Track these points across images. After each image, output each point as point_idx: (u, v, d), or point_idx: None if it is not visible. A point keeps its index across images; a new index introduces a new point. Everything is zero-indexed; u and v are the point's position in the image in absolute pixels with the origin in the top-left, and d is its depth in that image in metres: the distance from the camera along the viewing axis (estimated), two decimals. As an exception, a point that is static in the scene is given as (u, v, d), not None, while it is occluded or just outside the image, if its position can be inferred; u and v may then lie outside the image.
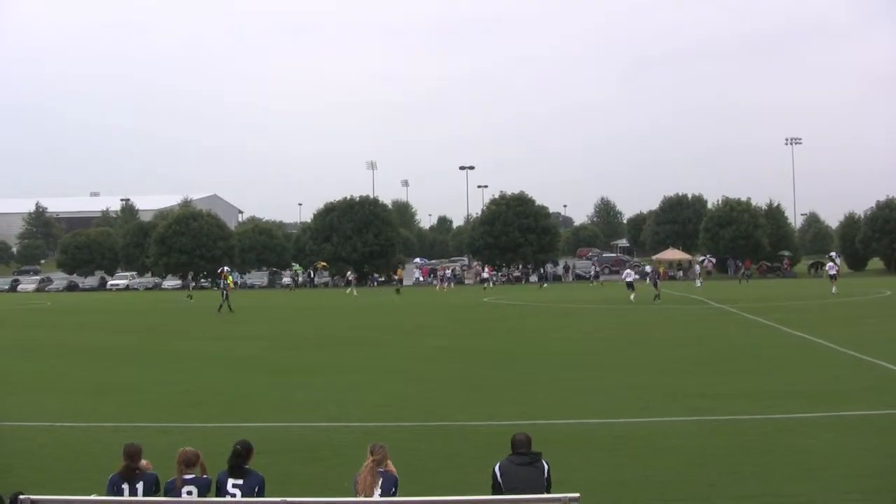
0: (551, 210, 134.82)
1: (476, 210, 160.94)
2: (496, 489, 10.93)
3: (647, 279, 72.27)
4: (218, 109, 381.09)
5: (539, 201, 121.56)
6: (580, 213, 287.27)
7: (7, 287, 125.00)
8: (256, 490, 10.85)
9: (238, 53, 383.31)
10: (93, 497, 10.50)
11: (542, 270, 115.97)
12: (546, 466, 11.04)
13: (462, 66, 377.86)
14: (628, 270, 72.39)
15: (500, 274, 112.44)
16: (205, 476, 11.17)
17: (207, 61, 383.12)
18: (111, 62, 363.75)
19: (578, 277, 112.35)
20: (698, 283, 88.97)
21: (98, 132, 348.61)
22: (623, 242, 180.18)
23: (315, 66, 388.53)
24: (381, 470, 10.87)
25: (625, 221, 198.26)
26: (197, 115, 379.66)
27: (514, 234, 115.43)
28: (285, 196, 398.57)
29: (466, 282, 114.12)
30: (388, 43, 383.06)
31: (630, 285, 66.17)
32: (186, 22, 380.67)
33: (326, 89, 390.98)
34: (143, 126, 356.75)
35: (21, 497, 10.13)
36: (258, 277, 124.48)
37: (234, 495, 10.79)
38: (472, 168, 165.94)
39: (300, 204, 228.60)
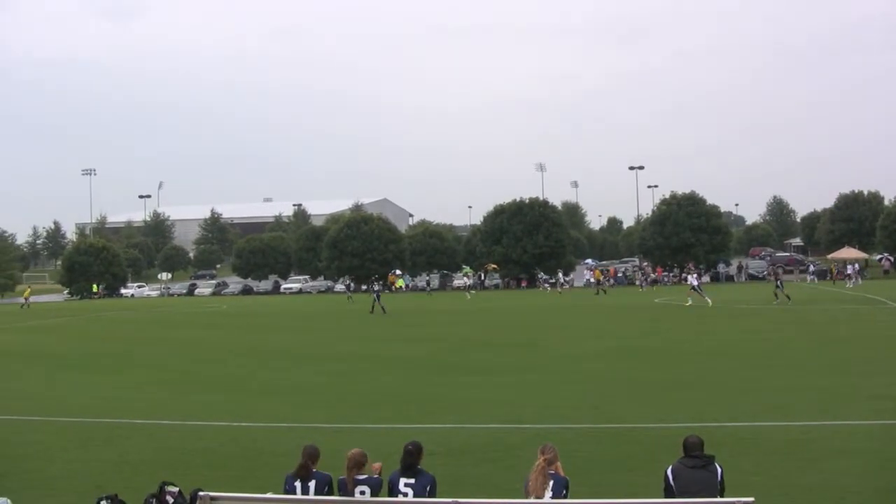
0: (722, 209, 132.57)
1: (646, 210, 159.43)
2: (668, 492, 10.80)
3: (773, 279, 70.10)
4: (390, 114, 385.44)
5: (710, 201, 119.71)
6: (752, 212, 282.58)
7: (185, 291, 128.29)
8: (428, 490, 10.92)
9: (408, 57, 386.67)
10: (268, 495, 10.70)
11: (700, 271, 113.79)
12: (719, 470, 10.86)
13: (630, 64, 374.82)
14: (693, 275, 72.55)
15: (671, 275, 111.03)
16: (376, 476, 11.29)
17: (379, 65, 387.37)
18: (278, 67, 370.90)
19: (752, 277, 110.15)
20: (849, 284, 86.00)
21: (271, 138, 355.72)
22: (797, 241, 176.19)
23: (485, 67, 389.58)
24: (552, 471, 10.82)
25: (798, 220, 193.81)
26: (369, 120, 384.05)
27: (686, 235, 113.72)
28: (455, 199, 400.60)
29: (637, 283, 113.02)
30: (557, 42, 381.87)
31: (696, 288, 65.35)
32: (350, 26, 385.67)
33: (495, 91, 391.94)
34: (316, 132, 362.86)
35: (200, 494, 10.39)
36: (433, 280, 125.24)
37: (405, 495, 10.87)
38: (641, 168, 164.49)
39: (470, 206, 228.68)
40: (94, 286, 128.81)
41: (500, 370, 31.31)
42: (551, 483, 10.68)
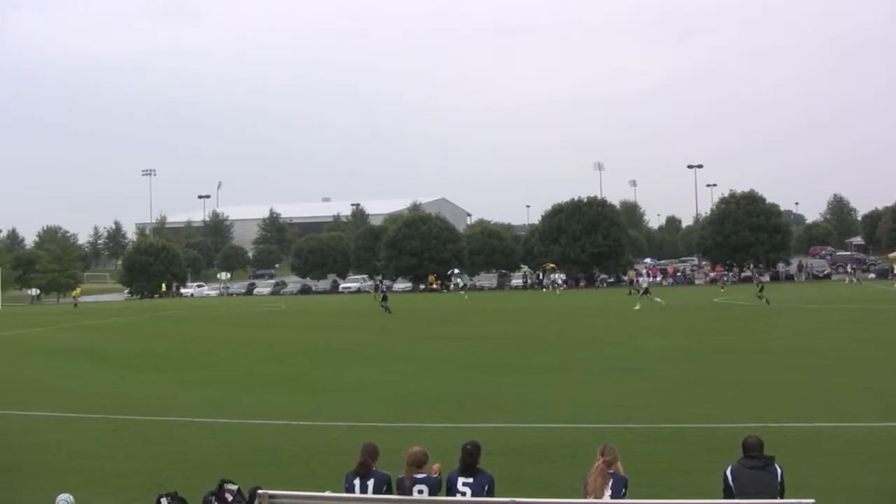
0: (782, 208, 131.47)
1: (705, 209, 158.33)
2: (727, 493, 10.74)
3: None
4: (447, 114, 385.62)
5: (769, 199, 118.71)
6: (812, 210, 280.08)
7: (244, 290, 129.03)
8: (486, 489, 10.91)
9: (466, 57, 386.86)
10: (326, 493, 10.73)
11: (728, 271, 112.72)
12: (779, 471, 10.76)
13: (689, 61, 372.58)
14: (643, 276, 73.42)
15: (730, 274, 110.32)
16: (435, 476, 11.29)
17: (436, 65, 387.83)
18: (337, 68, 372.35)
19: (814, 277, 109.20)
20: None
21: (329, 138, 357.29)
22: (857, 240, 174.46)
23: (543, 66, 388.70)
24: (611, 471, 10.78)
25: (859, 218, 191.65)
26: (426, 119, 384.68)
27: (745, 234, 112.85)
28: (513, 198, 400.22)
29: (697, 282, 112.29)
30: (615, 40, 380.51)
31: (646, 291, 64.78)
32: (408, 26, 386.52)
33: (553, 90, 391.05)
34: (374, 132, 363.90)
35: (259, 492, 10.45)
36: (487, 279, 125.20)
37: (464, 494, 10.87)
38: (700, 167, 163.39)
39: (528, 206, 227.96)
40: (163, 285, 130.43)
41: (556, 370, 31.28)
42: (610, 482, 10.65)
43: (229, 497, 12.74)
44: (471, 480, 11.00)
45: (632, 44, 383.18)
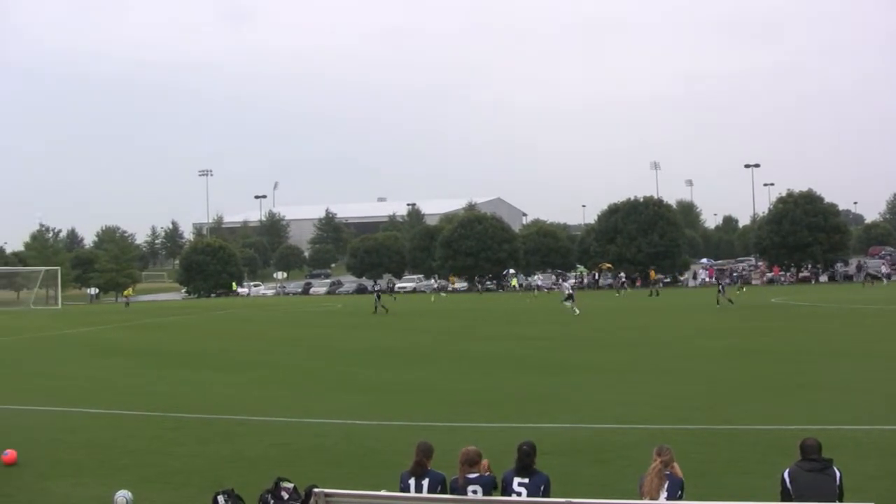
0: (841, 207, 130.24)
1: (762, 209, 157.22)
2: (785, 496, 10.65)
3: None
4: (503, 113, 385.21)
5: (828, 199, 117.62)
6: (871, 210, 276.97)
7: (300, 290, 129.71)
8: (542, 489, 10.89)
9: (521, 57, 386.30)
10: (382, 493, 10.75)
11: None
12: (838, 474, 10.65)
13: (745, 62, 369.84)
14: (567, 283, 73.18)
15: (787, 274, 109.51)
16: (488, 474, 11.28)
17: (493, 65, 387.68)
18: (394, 67, 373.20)
19: (873, 278, 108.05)
20: None
21: (385, 138, 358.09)
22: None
23: (598, 66, 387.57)
24: (668, 472, 10.72)
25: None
26: (482, 119, 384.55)
27: (803, 234, 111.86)
28: (569, 198, 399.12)
29: (754, 282, 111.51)
30: (671, 41, 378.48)
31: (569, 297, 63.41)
32: (465, 26, 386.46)
33: (608, 90, 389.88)
34: (429, 131, 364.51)
35: (315, 490, 10.48)
36: (543, 280, 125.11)
37: (519, 494, 10.85)
38: (757, 166, 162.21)
39: (584, 205, 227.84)
40: (234, 284, 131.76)
41: (610, 369, 31.15)
42: (666, 484, 10.59)
43: (285, 495, 12.80)
44: (526, 481, 10.99)
45: (688, 45, 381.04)
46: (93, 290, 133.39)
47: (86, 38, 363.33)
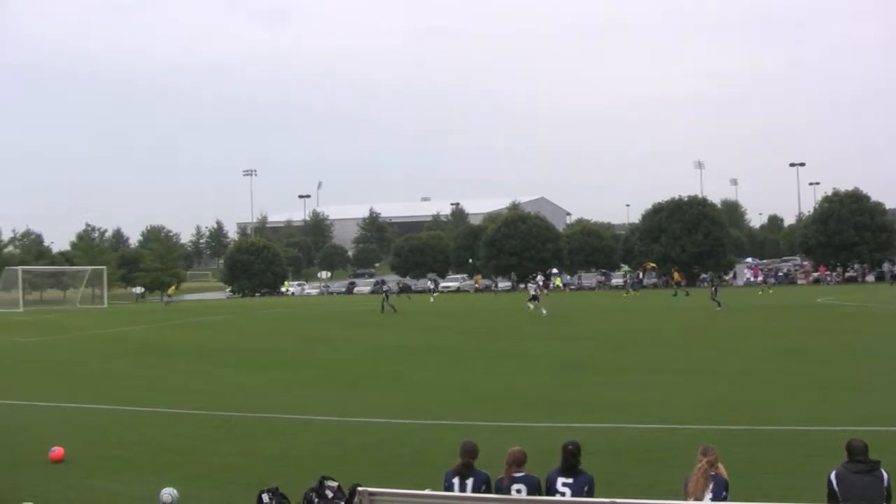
0: (888, 206, 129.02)
1: (808, 208, 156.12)
2: (832, 498, 10.58)
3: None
4: (546, 113, 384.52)
5: (874, 198, 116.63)
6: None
7: (344, 289, 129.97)
8: (586, 489, 10.87)
9: (564, 57, 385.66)
10: (426, 491, 10.77)
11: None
12: (885, 476, 10.57)
13: (790, 58, 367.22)
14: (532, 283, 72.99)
15: (833, 273, 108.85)
16: (533, 475, 11.28)
17: (535, 65, 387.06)
18: (435, 68, 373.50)
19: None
20: None
21: (428, 138, 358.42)
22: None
23: (640, 65, 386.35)
24: (713, 473, 10.67)
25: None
26: (526, 118, 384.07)
27: (849, 233, 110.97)
28: (612, 197, 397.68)
29: (799, 282, 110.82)
30: (715, 38, 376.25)
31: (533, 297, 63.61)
32: (506, 25, 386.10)
33: (651, 88, 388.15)
34: (473, 131, 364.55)
35: (359, 489, 10.52)
36: (587, 279, 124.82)
37: (563, 494, 10.83)
38: (802, 165, 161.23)
39: (628, 205, 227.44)
40: (286, 283, 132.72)
41: (653, 369, 31.04)
42: (711, 485, 10.54)
43: (330, 494, 12.83)
44: (571, 481, 10.98)
45: (732, 41, 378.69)
46: (138, 290, 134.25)
47: (128, 41, 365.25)
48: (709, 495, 10.48)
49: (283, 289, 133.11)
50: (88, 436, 21.31)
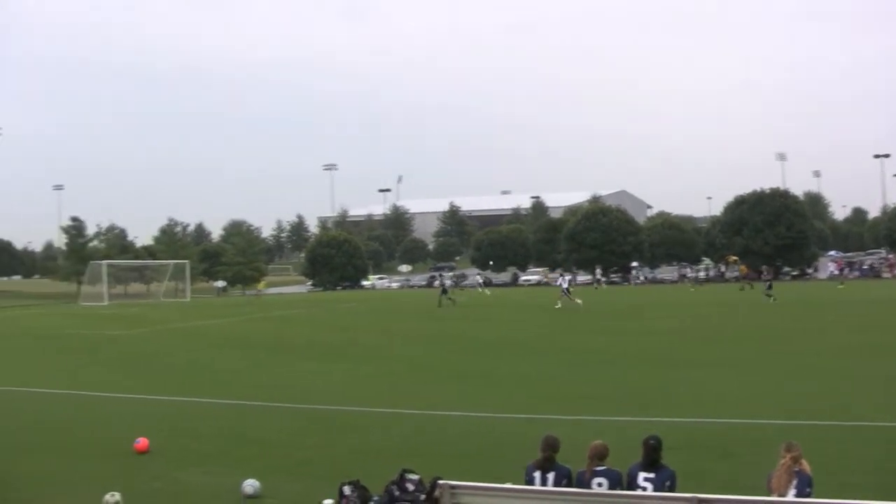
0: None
1: (893, 200, 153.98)
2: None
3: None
4: (625, 104, 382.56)
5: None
6: None
7: (424, 283, 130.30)
8: (668, 485, 10.78)
9: (644, 45, 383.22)
10: (507, 485, 10.73)
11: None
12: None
13: (876, 47, 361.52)
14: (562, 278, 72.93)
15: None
16: (615, 469, 11.20)
17: (614, 55, 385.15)
18: (514, 59, 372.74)
19: None
20: None
21: (507, 131, 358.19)
22: None
23: (723, 53, 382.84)
24: (797, 469, 10.53)
25: None
26: (605, 110, 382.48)
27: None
28: (693, 190, 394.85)
29: (884, 276, 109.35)
30: (798, 26, 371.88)
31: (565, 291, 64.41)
32: (584, 16, 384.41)
33: (733, 78, 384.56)
34: (552, 124, 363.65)
35: (440, 482, 10.49)
36: (668, 272, 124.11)
37: (644, 489, 10.76)
38: (886, 156, 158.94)
39: (709, 197, 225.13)
40: (369, 276, 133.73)
41: (735, 364, 30.64)
42: (795, 481, 10.41)
43: (410, 486, 12.87)
44: (652, 475, 10.90)
45: (815, 30, 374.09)
46: (220, 283, 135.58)
47: (212, 38, 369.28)
48: (792, 491, 10.34)
49: (369, 282, 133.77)
50: (172, 427, 21.54)
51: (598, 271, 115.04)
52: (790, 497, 10.29)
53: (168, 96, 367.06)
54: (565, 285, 67.19)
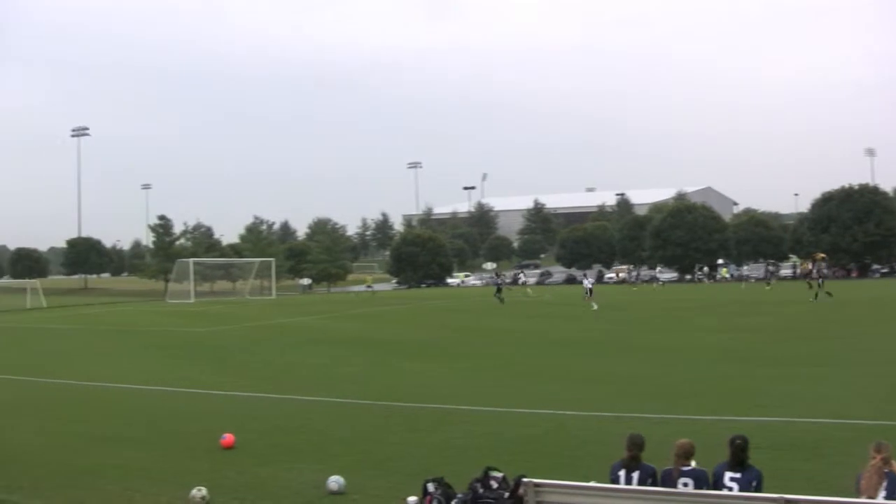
0: None
1: None
2: None
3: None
4: (711, 101, 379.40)
5: None
6: None
7: (509, 280, 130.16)
8: (754, 485, 10.66)
9: (725, 46, 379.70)
10: (591, 484, 10.69)
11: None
12: None
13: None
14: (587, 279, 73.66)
15: None
16: (701, 468, 11.10)
17: (700, 51, 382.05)
18: (601, 59, 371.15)
19: None
20: None
21: (591, 128, 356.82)
22: None
23: (810, 48, 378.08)
24: (887, 471, 10.35)
25: None
26: (690, 107, 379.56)
27: None
28: (780, 186, 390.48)
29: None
30: (881, 20, 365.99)
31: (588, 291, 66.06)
32: (679, 15, 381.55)
33: (820, 73, 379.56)
34: (637, 121, 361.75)
35: (524, 480, 10.49)
36: (754, 270, 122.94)
37: (730, 489, 10.64)
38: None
39: (796, 194, 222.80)
40: (461, 274, 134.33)
41: (823, 363, 30.21)
42: (885, 483, 10.22)
43: (494, 484, 12.84)
44: (739, 475, 10.77)
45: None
46: (305, 281, 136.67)
47: (301, 39, 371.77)
48: (882, 493, 10.16)
49: (458, 279, 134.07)
50: (257, 423, 21.73)
51: (697, 268, 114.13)
52: (880, 499, 10.11)
53: (254, 98, 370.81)
54: (589, 285, 68.91)
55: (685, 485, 10.79)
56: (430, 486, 13.28)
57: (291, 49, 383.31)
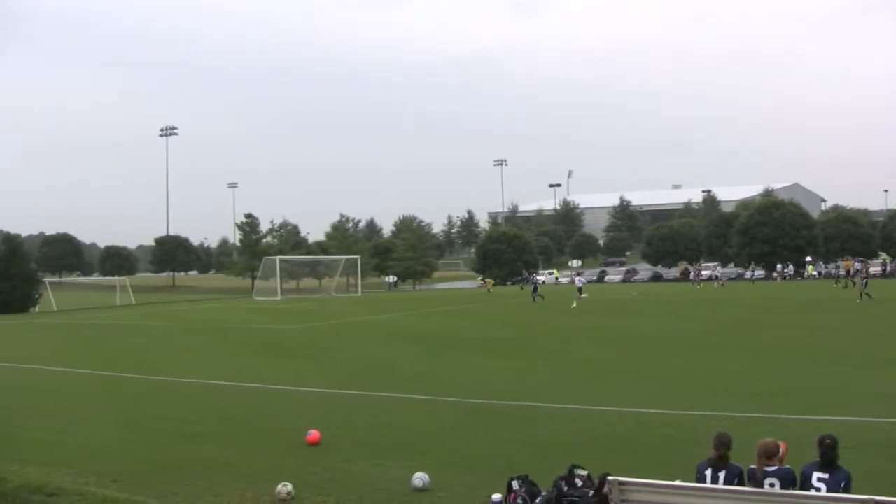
0: None
1: None
2: None
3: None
4: (795, 94, 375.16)
5: None
6: None
7: (595, 278, 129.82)
8: (842, 485, 10.51)
9: (822, 38, 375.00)
10: (676, 482, 10.62)
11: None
12: None
13: None
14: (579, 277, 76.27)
15: None
16: (788, 467, 10.97)
17: (787, 47, 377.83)
18: (686, 54, 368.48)
19: None
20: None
21: (678, 125, 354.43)
22: None
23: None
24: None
25: None
26: (778, 102, 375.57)
27: None
28: (869, 183, 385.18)
29: None
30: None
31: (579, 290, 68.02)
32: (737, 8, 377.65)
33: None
34: (723, 116, 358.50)
35: (609, 478, 10.45)
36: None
37: (818, 489, 10.51)
38: None
39: (885, 190, 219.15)
40: (555, 271, 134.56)
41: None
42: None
43: (579, 482, 12.82)
44: (827, 476, 10.63)
45: None
46: (391, 279, 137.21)
47: (383, 39, 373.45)
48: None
49: (551, 275, 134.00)
50: (343, 420, 21.88)
51: (779, 267, 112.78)
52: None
53: (338, 96, 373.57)
54: (580, 284, 71.48)
55: (771, 485, 10.67)
56: (515, 484, 13.28)
57: (380, 45, 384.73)
